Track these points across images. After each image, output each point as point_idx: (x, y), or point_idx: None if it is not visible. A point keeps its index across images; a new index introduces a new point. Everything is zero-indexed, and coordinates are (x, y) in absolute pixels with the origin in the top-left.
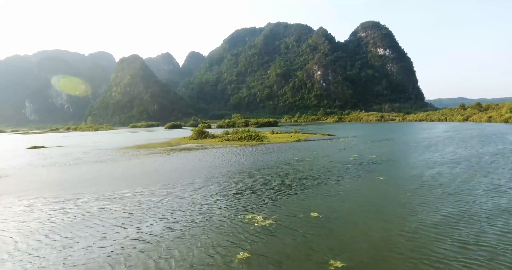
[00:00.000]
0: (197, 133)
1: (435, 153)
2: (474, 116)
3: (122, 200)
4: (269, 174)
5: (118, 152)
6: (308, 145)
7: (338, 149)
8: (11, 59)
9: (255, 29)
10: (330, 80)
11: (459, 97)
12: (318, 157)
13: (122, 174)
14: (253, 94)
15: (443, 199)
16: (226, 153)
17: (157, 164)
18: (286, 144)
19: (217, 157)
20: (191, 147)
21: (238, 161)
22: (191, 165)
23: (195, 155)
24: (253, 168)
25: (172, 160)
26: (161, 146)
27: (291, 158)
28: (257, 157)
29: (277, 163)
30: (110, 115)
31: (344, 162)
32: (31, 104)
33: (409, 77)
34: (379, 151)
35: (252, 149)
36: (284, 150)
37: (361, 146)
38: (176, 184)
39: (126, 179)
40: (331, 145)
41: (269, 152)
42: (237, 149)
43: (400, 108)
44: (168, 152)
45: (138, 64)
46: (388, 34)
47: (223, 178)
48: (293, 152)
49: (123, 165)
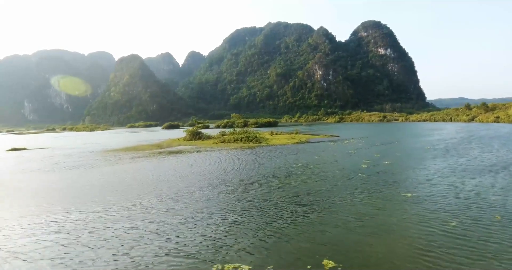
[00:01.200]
0: (191, 134)
1: (460, 158)
2: (480, 116)
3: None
4: (267, 186)
5: (102, 156)
6: (311, 148)
7: (345, 153)
8: (10, 59)
9: (255, 28)
10: (331, 80)
11: (460, 97)
12: (324, 163)
13: (88, 185)
14: (253, 94)
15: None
16: (218, 157)
17: (134, 172)
18: (286, 147)
19: (207, 163)
20: (182, 150)
21: (231, 167)
22: (172, 173)
23: (183, 160)
24: (247, 177)
25: (155, 166)
26: (150, 148)
27: (293, 163)
28: (253, 163)
29: (277, 171)
30: (108, 115)
31: (356, 170)
32: (30, 104)
33: (410, 77)
34: (392, 156)
35: (249, 152)
36: (284, 153)
37: (370, 150)
38: (139, 201)
39: (85, 193)
40: (337, 148)
41: (267, 156)
42: (232, 153)
43: (402, 108)
44: (154, 156)
45: (137, 63)
46: (389, 33)
47: (207, 195)
48: (295, 156)
49: (98, 172)
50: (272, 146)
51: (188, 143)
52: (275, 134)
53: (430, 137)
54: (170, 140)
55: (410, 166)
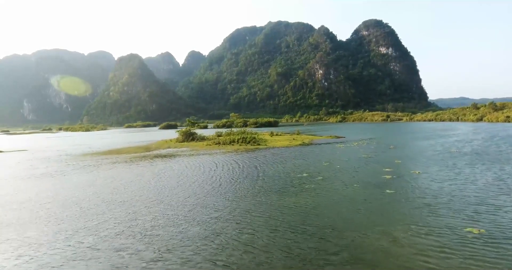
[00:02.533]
0: (184, 135)
1: (504, 165)
2: (488, 115)
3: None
4: (266, 209)
5: (79, 160)
6: (316, 151)
7: (358, 158)
8: (10, 58)
9: (255, 28)
10: (332, 79)
11: (461, 97)
12: (336, 171)
13: (35, 203)
14: (253, 94)
15: None
16: (208, 163)
17: (102, 184)
18: (288, 149)
19: (193, 171)
20: (170, 153)
21: (221, 179)
22: (145, 187)
23: (167, 167)
24: (240, 194)
25: (132, 176)
26: (136, 151)
27: (297, 172)
28: (248, 172)
29: (278, 184)
30: (107, 115)
31: (379, 183)
32: (29, 104)
33: (412, 76)
34: (417, 162)
35: (245, 157)
36: (286, 158)
37: (387, 154)
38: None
39: (15, 218)
40: (346, 152)
41: (266, 161)
42: (225, 157)
43: (404, 107)
44: (136, 161)
45: (136, 63)
46: (391, 32)
47: (183, 225)
48: (298, 162)
49: (60, 183)
50: (272, 148)
51: (180, 145)
52: (275, 135)
53: (448, 138)
54: (162, 142)
55: (447, 177)
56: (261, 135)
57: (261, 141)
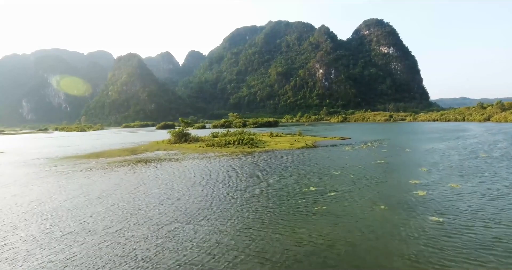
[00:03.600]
0: (176, 136)
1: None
2: (496, 115)
3: None
4: (266, 243)
5: (53, 165)
6: (322, 155)
7: (374, 165)
8: (9, 58)
9: (255, 27)
10: (333, 79)
11: (461, 97)
12: (350, 184)
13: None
14: (253, 94)
15: None
16: (199, 170)
17: (60, 200)
18: (289, 153)
19: (179, 182)
20: (158, 157)
21: (210, 193)
22: (114, 206)
23: (149, 174)
24: (232, 220)
25: (101, 188)
26: (120, 153)
27: (302, 185)
28: (243, 184)
29: (278, 203)
30: (106, 114)
31: (414, 204)
32: (28, 104)
33: (413, 76)
34: (447, 171)
35: (240, 162)
36: (288, 164)
37: (404, 159)
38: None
39: None
40: (357, 156)
41: (264, 169)
42: (219, 162)
43: (405, 107)
44: (117, 167)
45: (135, 62)
46: (392, 31)
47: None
48: (302, 170)
49: (9, 196)
50: (271, 151)
51: (171, 147)
52: (275, 136)
53: (466, 140)
54: (153, 143)
55: (497, 192)
56: (260, 136)
57: (260, 143)
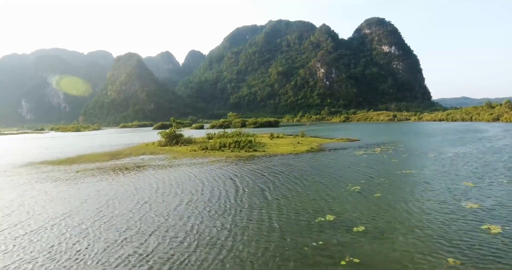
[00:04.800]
0: (167, 137)
1: None
2: (506, 115)
3: None
4: None
5: (16, 173)
6: (332, 162)
7: (399, 176)
8: (9, 58)
9: (256, 26)
10: (334, 78)
11: (462, 97)
12: (380, 210)
13: None
14: (253, 93)
15: None
16: (185, 183)
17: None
18: (293, 158)
19: (156, 203)
20: (141, 163)
21: (193, 220)
22: (65, 240)
23: (123, 189)
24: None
25: (56, 210)
26: (100, 158)
27: (314, 213)
28: (234, 205)
29: (282, 247)
30: (105, 114)
31: (488, 251)
32: (27, 103)
33: (415, 75)
34: (503, 185)
35: (234, 170)
36: (291, 175)
37: (434, 167)
38: None
39: None
40: (375, 163)
41: (263, 182)
42: (207, 172)
43: (408, 107)
44: (89, 176)
45: (134, 61)
46: (394, 30)
47: None
48: (310, 185)
49: None
50: (271, 156)
51: (160, 150)
52: (276, 138)
53: (492, 142)
54: (142, 145)
55: None
56: (260, 137)
57: (259, 145)
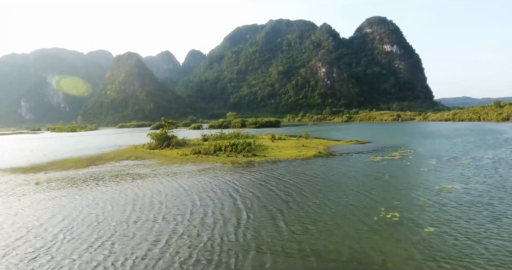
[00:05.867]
0: (158, 139)
1: None
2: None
3: None
4: None
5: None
6: (347, 172)
7: (442, 195)
8: (8, 57)
9: (256, 26)
10: (335, 78)
11: (463, 97)
12: (448, 261)
13: None
14: (254, 93)
15: None
16: (163, 203)
17: None
18: (301, 166)
19: (119, 236)
20: (118, 171)
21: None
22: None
23: (85, 212)
24: None
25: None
26: (75, 164)
27: (334, 255)
28: (236, 247)
29: None
30: (104, 114)
31: None
32: (26, 103)
33: (417, 75)
34: None
35: (231, 183)
36: (306, 190)
37: (483, 178)
38: None
39: None
40: (401, 174)
41: (271, 201)
42: (196, 184)
43: (410, 106)
44: (42, 191)
45: (133, 61)
46: (395, 29)
47: None
48: (335, 208)
49: None
50: (274, 163)
51: (147, 154)
52: (277, 139)
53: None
54: (130, 148)
55: None
56: (260, 139)
57: (259, 149)
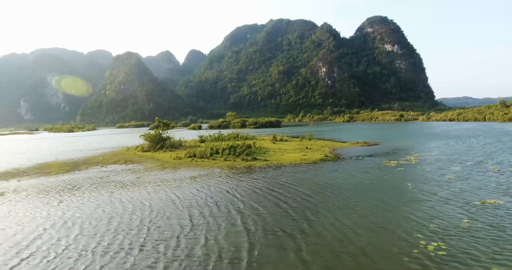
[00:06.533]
0: (152, 141)
1: None
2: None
3: None
4: None
5: None
6: (361, 181)
7: (486, 211)
8: (8, 57)
9: (256, 25)
10: (336, 78)
11: (464, 97)
12: None
13: None
14: (254, 93)
15: None
16: (143, 224)
17: None
18: (307, 172)
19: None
20: (100, 178)
21: None
22: None
23: (31, 231)
24: None
25: None
26: (57, 169)
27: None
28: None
29: None
30: (103, 114)
31: None
32: (26, 103)
33: (418, 74)
34: None
35: (229, 194)
36: (316, 208)
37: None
38: None
39: None
40: (424, 181)
41: (278, 221)
42: (187, 196)
43: (411, 106)
44: (3, 201)
45: (133, 60)
46: (396, 29)
47: None
48: (357, 234)
49: None
50: (276, 168)
51: (139, 157)
52: (279, 141)
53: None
54: (121, 151)
55: None
56: (260, 140)
57: (260, 151)
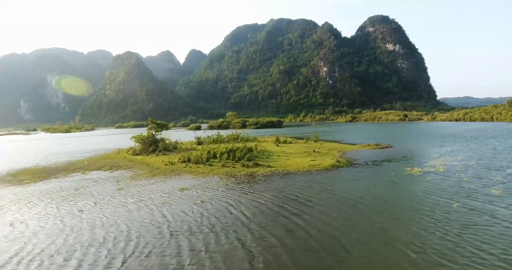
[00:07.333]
0: (144, 143)
1: None
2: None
3: None
4: None
5: None
6: (390, 195)
7: None
8: (8, 57)
9: (257, 25)
10: (337, 77)
11: (465, 97)
12: None
13: None
14: (254, 92)
15: None
16: (112, 256)
17: None
18: (320, 182)
19: None
20: (75, 189)
21: None
22: None
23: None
24: None
25: None
26: (30, 176)
27: None
28: None
29: None
30: (103, 114)
31: None
32: (26, 103)
33: (420, 74)
34: None
35: (230, 214)
36: (341, 237)
37: None
38: None
39: None
40: (466, 196)
41: (292, 260)
42: (176, 216)
43: (413, 106)
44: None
45: (133, 60)
46: (398, 28)
47: None
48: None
49: None
50: (283, 176)
51: (128, 161)
52: (283, 143)
53: None
54: (110, 153)
55: None
56: (262, 142)
57: (262, 155)
